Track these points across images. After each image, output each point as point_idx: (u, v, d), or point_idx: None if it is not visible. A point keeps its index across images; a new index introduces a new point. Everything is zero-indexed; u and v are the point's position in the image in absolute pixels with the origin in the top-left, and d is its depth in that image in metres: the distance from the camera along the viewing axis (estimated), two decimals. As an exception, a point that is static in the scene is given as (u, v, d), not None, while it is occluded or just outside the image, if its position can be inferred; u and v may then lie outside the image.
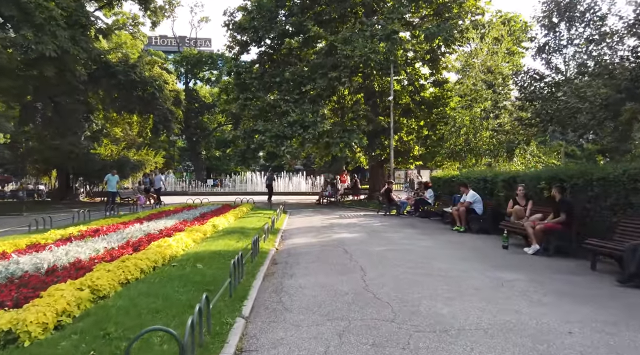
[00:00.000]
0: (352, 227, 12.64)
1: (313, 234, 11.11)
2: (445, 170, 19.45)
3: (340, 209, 19.98)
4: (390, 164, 20.10)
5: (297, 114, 19.51)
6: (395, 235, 10.95)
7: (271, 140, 19.32)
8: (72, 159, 19.94)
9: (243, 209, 16.27)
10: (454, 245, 9.23)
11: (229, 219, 13.09)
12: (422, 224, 13.89)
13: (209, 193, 36.43)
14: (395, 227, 12.86)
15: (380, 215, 16.87)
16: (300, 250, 8.74)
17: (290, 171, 45.35)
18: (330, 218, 15.68)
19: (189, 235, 8.75)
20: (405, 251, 8.35)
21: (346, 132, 20.08)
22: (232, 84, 23.54)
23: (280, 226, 12.69)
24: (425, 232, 11.73)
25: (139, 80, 21.98)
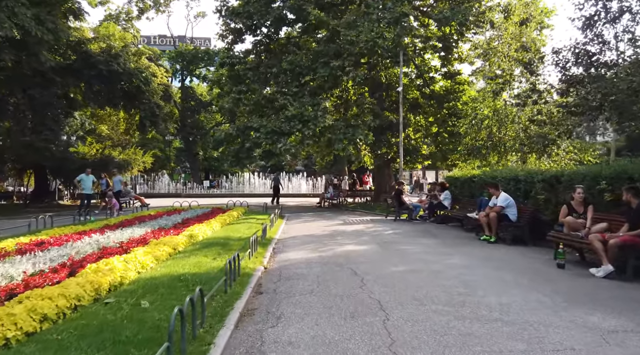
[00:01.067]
0: (359, 236, 10.62)
1: (312, 246, 9.11)
2: (462, 170, 17.42)
3: (344, 213, 17.97)
4: (399, 163, 18.09)
5: (296, 107, 17.53)
6: (413, 247, 8.93)
7: (266, 136, 17.34)
8: (47, 157, 17.96)
9: (234, 214, 14.28)
10: (493, 263, 7.20)
11: (213, 226, 11.09)
12: (440, 231, 11.87)
13: (205, 195, 34.49)
14: (410, 235, 10.84)
15: (389, 220, 14.87)
16: (296, 270, 6.74)
17: (291, 172, 43.34)
18: (332, 224, 13.67)
19: (152, 251, 6.75)
20: (433, 273, 6.33)
21: (350, 128, 18.09)
22: (226, 76, 21.58)
23: (273, 235, 10.69)
24: (448, 242, 9.71)
25: (123, 72, 20.04)
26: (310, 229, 12.23)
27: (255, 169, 60.68)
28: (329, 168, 52.04)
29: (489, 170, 12.82)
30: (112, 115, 24.95)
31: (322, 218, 15.85)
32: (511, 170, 11.60)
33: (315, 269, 6.76)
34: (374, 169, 24.18)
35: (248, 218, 14.35)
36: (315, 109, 17.58)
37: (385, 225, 13.18)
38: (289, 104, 17.86)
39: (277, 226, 12.72)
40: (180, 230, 9.73)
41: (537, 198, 9.75)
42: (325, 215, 16.98)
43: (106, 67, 19.61)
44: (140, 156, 24.67)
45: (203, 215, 14.22)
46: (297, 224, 13.90)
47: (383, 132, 20.75)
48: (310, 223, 14.22)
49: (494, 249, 8.79)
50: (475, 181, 13.26)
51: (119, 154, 23.22)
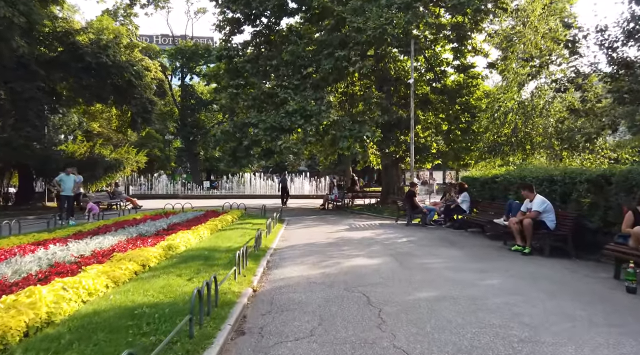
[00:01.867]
0: (369, 246, 9.14)
1: (315, 259, 7.64)
2: (480, 169, 15.90)
3: (349, 216, 16.50)
4: (409, 162, 16.58)
5: (297, 101, 16.07)
6: (436, 261, 7.44)
7: (265, 133, 15.89)
8: (27, 156, 16.59)
9: (228, 218, 12.84)
10: (542, 284, 5.70)
11: (201, 233, 9.65)
12: (461, 239, 10.37)
13: (203, 196, 33.11)
14: (428, 245, 9.35)
15: (400, 225, 13.38)
16: (292, 294, 5.28)
17: (294, 172, 41.88)
18: (337, 230, 12.20)
19: (110, 271, 5.31)
20: (473, 303, 4.84)
21: (356, 125, 16.60)
22: (223, 70, 20.16)
23: (270, 244, 9.24)
24: (475, 254, 8.21)
25: (112, 65, 18.65)
26: (313, 236, 10.76)
27: (258, 170, 59.42)
28: (332, 168, 50.64)
29: (514, 169, 11.30)
30: (105, 112, 23.59)
31: (326, 222, 14.38)
32: (544, 170, 10.08)
33: (317, 293, 5.29)
34: (381, 168, 22.67)
35: (244, 223, 12.90)
36: (318, 104, 16.12)
37: (396, 232, 11.70)
38: (289, 98, 16.41)
39: (275, 232, 11.27)
40: (160, 239, 8.30)
41: (580, 202, 8.24)
42: (329, 219, 15.51)
43: (94, 60, 18.22)
44: (133, 155, 23.25)
45: (194, 219, 12.81)
46: (298, 230, 12.44)
47: (391, 129, 19.27)
48: (313, 228, 12.76)
49: (534, 263, 7.29)
50: (499, 182, 11.75)
51: (110, 152, 21.83)
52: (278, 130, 16.01)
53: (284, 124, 15.87)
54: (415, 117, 20.49)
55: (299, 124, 15.81)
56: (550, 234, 8.15)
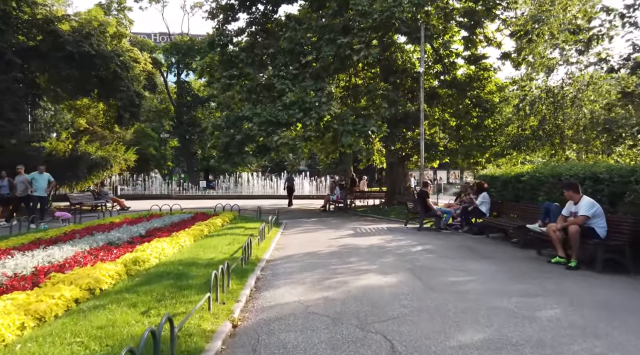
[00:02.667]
0: (381, 257, 7.68)
1: (315, 276, 6.17)
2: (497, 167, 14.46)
3: (353, 219, 15.04)
4: (420, 160, 15.11)
5: (296, 93, 14.62)
6: (467, 280, 5.98)
7: (260, 128, 14.43)
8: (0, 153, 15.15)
9: (217, 222, 11.38)
10: (622, 318, 4.25)
11: (182, 241, 8.20)
12: (486, 247, 8.92)
13: (198, 197, 31.68)
14: (450, 255, 7.89)
15: (410, 229, 11.93)
16: (285, 335, 3.82)
17: (293, 172, 40.41)
18: (341, 235, 10.75)
19: (32, 302, 3.86)
20: (540, 349, 3.39)
21: (360, 119, 15.15)
22: (216, 60, 18.70)
23: (262, 254, 7.79)
24: (511, 268, 6.76)
25: (96, 54, 17.18)
26: (313, 243, 9.31)
27: (257, 169, 57.89)
28: (334, 168, 49.12)
29: (545, 166, 9.85)
30: (92, 107, 22.13)
31: (328, 226, 12.93)
32: (583, 166, 8.62)
33: (319, 333, 3.83)
34: (386, 167, 21.23)
35: (235, 227, 11.44)
36: (318, 95, 14.66)
37: (408, 237, 10.24)
38: (287, 90, 14.95)
39: (270, 238, 9.82)
40: (130, 249, 6.86)
41: (637, 205, 6.80)
42: (331, 222, 14.06)
43: (75, 49, 16.75)
44: (122, 153, 21.79)
45: (179, 223, 11.37)
46: (297, 235, 10.99)
47: (397, 124, 17.82)
48: (313, 233, 11.29)
49: (589, 282, 5.83)
50: (525, 181, 10.28)
51: (96, 150, 20.38)
52: (274, 125, 14.55)
53: (281, 117, 14.41)
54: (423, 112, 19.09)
55: (297, 117, 14.36)
56: (603, 243, 6.69)
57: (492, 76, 19.85)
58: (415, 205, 12.53)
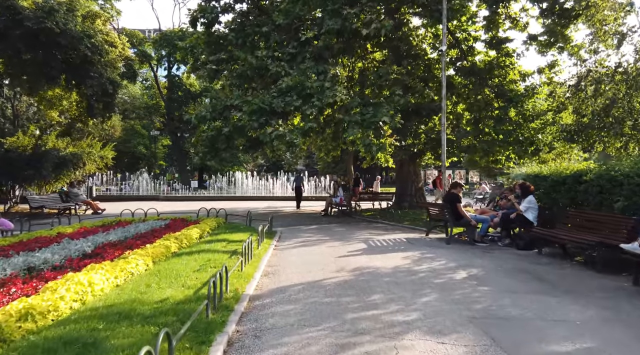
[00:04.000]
0: (416, 291, 5.30)
1: (325, 339, 3.79)
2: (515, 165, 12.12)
3: (361, 226, 12.66)
4: (441, 156, 12.70)
5: (293, 76, 12.23)
6: (581, 348, 3.61)
7: (251, 118, 12.04)
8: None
9: (193, 233, 8.96)
10: None
11: (134, 266, 5.81)
12: (550, 271, 6.57)
13: (188, 198, 29.17)
14: (513, 286, 5.52)
15: (435, 240, 9.58)
16: None
17: (290, 172, 37.91)
18: (351, 251, 8.36)
19: None
20: None
21: (369, 108, 12.77)
22: (201, 42, 16.27)
23: (245, 285, 5.41)
24: (622, 310, 4.41)
25: (60, 33, 14.73)
26: (316, 266, 6.92)
27: (253, 168, 55.38)
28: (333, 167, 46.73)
29: (622, 162, 7.50)
30: (64, 98, 19.67)
31: (332, 236, 10.53)
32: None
33: None
34: (396, 165, 18.86)
35: (215, 240, 9.03)
36: (320, 79, 12.28)
37: (439, 254, 7.87)
38: (283, 73, 12.56)
39: (259, 256, 7.45)
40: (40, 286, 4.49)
41: None
42: (336, 231, 11.67)
43: (35, 25, 14.31)
44: (97, 149, 19.34)
45: (146, 234, 8.99)
46: (294, 250, 8.59)
47: (409, 117, 15.47)
48: (315, 247, 8.90)
49: None
50: (589, 180, 7.92)
51: (67, 145, 17.94)
52: (268, 114, 12.16)
53: (276, 105, 12.02)
54: (435, 104, 16.74)
55: (296, 105, 11.96)
56: None
57: (515, 63, 17.56)
58: (440, 211, 10.15)
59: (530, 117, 16.07)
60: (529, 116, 16.08)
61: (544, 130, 15.75)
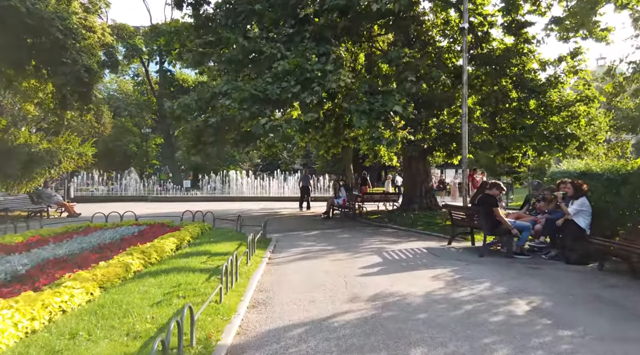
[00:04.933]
0: (473, 338, 3.61)
1: None
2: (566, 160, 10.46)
3: (369, 232, 10.96)
4: (462, 151, 10.98)
5: (290, 59, 10.53)
6: None
7: (241, 106, 10.32)
8: None
9: (166, 245, 7.23)
10: None
11: (67, 298, 4.09)
12: (632, 298, 4.90)
13: (178, 199, 27.37)
14: (603, 328, 3.85)
15: (460, 250, 7.91)
16: None
17: (287, 171, 36.13)
18: (365, 267, 6.66)
19: None
20: None
21: (378, 96, 11.07)
22: (187, 26, 14.55)
23: (222, 324, 3.69)
24: None
25: (27, 12, 12.97)
26: (321, 292, 5.21)
27: (250, 167, 53.50)
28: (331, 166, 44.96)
29: None
30: (39, 90, 17.90)
31: (338, 246, 8.82)
32: None
33: None
34: (403, 163, 17.21)
35: (195, 252, 7.31)
36: (322, 61, 10.57)
37: (477, 272, 6.20)
38: (279, 55, 10.84)
39: (247, 274, 5.77)
40: None
41: None
42: (341, 239, 9.99)
43: (-5, 2, 12.56)
44: (75, 146, 17.55)
45: (110, 245, 7.30)
46: (292, 265, 6.88)
47: (418, 109, 13.78)
48: (317, 261, 7.18)
49: None
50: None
51: (40, 140, 16.19)
52: (261, 102, 10.45)
53: (271, 92, 10.30)
54: (448, 94, 15.09)
55: (294, 92, 10.25)
56: None
57: (534, 51, 15.93)
58: (468, 216, 8.46)
59: (557, 109, 14.46)
60: (555, 108, 14.47)
61: (575, 122, 14.18)
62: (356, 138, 20.58)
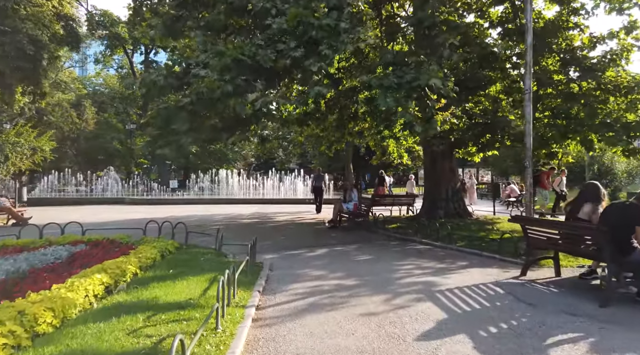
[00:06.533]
0: None
1: None
2: None
3: (395, 251, 8.10)
4: (525, 140, 8.01)
5: (290, 12, 7.58)
6: None
7: (222, 75, 7.36)
8: None
9: (92, 286, 4.29)
10: None
11: None
12: None
13: (160, 201, 24.24)
14: None
15: (561, 293, 5.02)
16: None
17: (283, 170, 33.09)
18: (423, 337, 3.74)
19: None
20: None
21: (408, 67, 8.15)
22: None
23: None
24: None
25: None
26: None
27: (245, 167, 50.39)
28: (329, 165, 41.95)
29: None
30: None
31: (361, 278, 5.89)
32: None
33: None
34: (425, 162, 14.32)
35: (135, 300, 4.36)
36: (334, 17, 7.62)
37: (624, 341, 3.33)
38: (274, 11, 7.89)
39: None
40: None
41: None
42: (362, 263, 7.08)
43: None
44: (29, 139, 14.52)
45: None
46: (294, 331, 3.92)
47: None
48: (338, 317, 4.24)
49: None
50: None
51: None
52: (250, 72, 7.52)
53: (263, 57, 7.37)
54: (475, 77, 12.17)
55: (294, 56, 7.33)
56: None
57: (581, 24, 13.09)
58: (565, 237, 5.53)
59: (618, 92, 11.64)
60: (616, 90, 11.64)
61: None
62: (362, 132, 17.73)
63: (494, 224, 11.66)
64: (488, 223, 11.90)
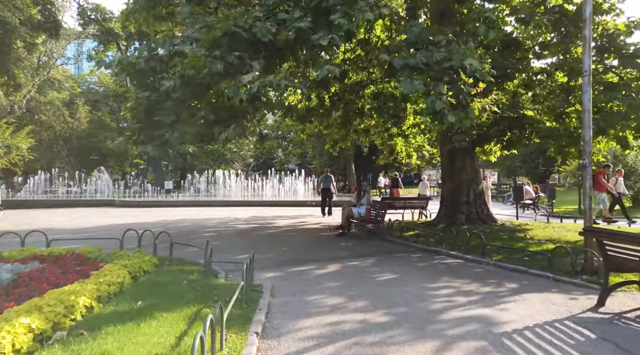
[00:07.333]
0: None
1: None
2: None
3: (420, 266, 6.70)
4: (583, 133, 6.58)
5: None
6: None
7: (211, 52, 5.93)
8: None
9: (27, 325, 2.87)
10: None
11: None
12: None
13: (151, 204, 22.60)
14: None
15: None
16: None
17: (282, 171, 31.59)
18: None
19: None
20: None
21: (438, 47, 6.72)
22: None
23: None
24: None
25: None
26: None
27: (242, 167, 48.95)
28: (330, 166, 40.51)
29: None
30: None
31: (389, 310, 4.48)
32: None
33: None
34: (442, 158, 12.89)
35: None
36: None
37: None
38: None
39: None
40: None
41: None
42: (386, 286, 5.66)
43: None
44: (4, 137, 13.05)
45: None
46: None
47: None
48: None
49: None
50: None
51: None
52: (245, 47, 6.10)
53: (261, 30, 5.95)
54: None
55: (299, 28, 5.90)
56: None
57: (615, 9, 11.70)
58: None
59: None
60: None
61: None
62: (368, 130, 16.37)
63: (525, 231, 10.24)
64: (517, 230, 10.47)
